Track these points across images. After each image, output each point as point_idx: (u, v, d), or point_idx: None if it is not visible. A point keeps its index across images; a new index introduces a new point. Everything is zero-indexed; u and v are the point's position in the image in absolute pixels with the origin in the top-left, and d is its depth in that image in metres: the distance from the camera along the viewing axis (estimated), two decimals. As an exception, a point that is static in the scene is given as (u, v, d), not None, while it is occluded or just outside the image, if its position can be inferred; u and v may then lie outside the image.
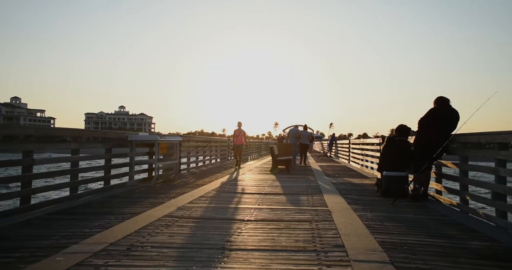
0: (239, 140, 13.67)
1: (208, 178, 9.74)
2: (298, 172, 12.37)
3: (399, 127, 7.05)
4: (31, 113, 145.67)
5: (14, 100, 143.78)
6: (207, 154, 14.91)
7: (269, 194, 6.93)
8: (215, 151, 16.25)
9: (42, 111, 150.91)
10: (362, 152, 14.57)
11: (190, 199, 6.06)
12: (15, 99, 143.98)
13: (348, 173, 12.45)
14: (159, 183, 8.38)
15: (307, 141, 17.75)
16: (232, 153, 16.66)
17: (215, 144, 15.98)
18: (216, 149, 16.35)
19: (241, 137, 13.70)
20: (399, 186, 6.50)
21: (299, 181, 9.44)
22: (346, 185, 8.69)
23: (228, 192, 7.21)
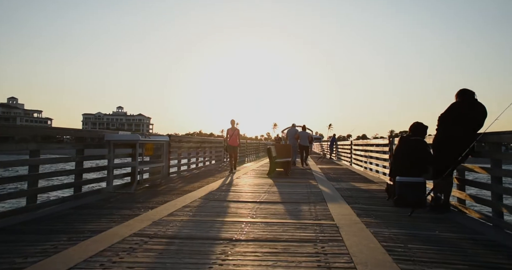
0: (234, 141, 12.17)
1: (198, 183, 8.81)
2: (297, 176, 11.46)
3: (415, 125, 6.13)
4: (28, 113, 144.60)
5: (11, 100, 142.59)
6: (201, 156, 13.99)
7: (265, 203, 6.02)
8: (210, 152, 15.32)
9: (39, 112, 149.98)
10: (366, 154, 13.66)
11: (171, 210, 5.14)
12: (12, 100, 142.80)
13: (351, 176, 11.53)
14: (142, 189, 7.45)
15: (307, 142, 16.95)
16: (227, 155, 15.65)
17: (210, 145, 15.05)
18: (211, 151, 15.43)
19: (236, 137, 12.17)
20: (415, 194, 5.59)
21: (299, 186, 8.53)
22: (352, 191, 7.78)
23: (218, 200, 6.29)
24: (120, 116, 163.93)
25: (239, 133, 12.34)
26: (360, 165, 15.22)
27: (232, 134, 12.14)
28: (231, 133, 12.21)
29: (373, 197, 6.88)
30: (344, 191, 7.75)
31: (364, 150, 14.06)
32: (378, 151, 11.82)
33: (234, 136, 12.12)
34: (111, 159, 6.98)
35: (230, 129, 12.34)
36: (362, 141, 14.64)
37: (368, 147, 13.21)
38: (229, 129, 12.37)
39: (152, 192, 7.13)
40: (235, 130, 12.26)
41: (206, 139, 15.70)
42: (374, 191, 7.90)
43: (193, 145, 13.15)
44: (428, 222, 4.71)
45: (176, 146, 11.45)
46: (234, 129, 12.28)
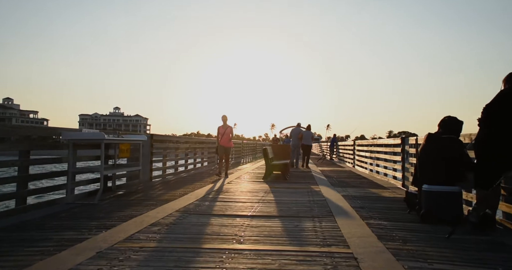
0: (226, 141, 10.34)
1: (182, 189, 7.57)
2: (297, 180, 10.23)
3: (446, 119, 4.87)
4: (24, 114, 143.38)
5: (7, 101, 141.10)
6: (191, 157, 12.74)
7: (258, 217, 4.80)
8: (201, 153, 14.08)
9: (35, 112, 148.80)
10: (372, 155, 12.44)
11: (133, 231, 3.89)
12: (7, 100, 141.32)
13: (357, 180, 10.31)
14: (110, 199, 6.20)
15: (310, 142, 15.98)
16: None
17: (201, 146, 13.80)
18: (202, 152, 14.18)
19: (228, 136, 10.36)
20: (450, 207, 4.38)
21: (299, 193, 7.30)
22: (362, 199, 6.55)
23: (199, 213, 5.05)
24: (117, 117, 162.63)
25: (232, 132, 10.53)
26: (364, 167, 14.01)
27: (224, 132, 10.34)
28: (222, 131, 10.39)
29: (390, 209, 5.65)
30: (353, 199, 6.52)
31: (369, 151, 12.83)
32: (387, 152, 10.60)
33: (226, 135, 10.32)
34: (72, 162, 5.73)
35: (221, 127, 10.52)
36: (367, 141, 13.43)
37: (375, 148, 11.98)
38: (220, 127, 10.55)
39: (121, 202, 5.89)
40: (227, 128, 10.45)
41: (196, 139, 14.42)
42: (389, 200, 6.68)
43: (182, 145, 11.91)
44: (478, 249, 3.48)
45: (161, 147, 10.21)
46: (226, 126, 10.49)
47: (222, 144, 10.44)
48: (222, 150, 10.49)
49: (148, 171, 9.03)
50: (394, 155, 9.69)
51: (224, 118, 10.57)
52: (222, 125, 10.57)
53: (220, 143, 10.45)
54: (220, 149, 10.50)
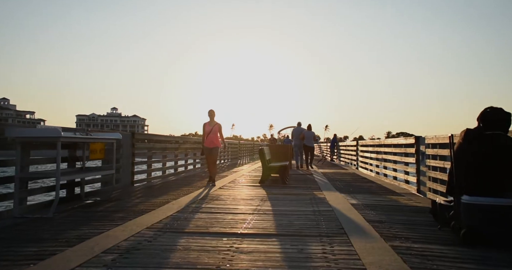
0: (212, 140, 8.55)
1: (165, 197, 6.51)
2: (297, 184, 9.18)
3: (489, 111, 3.80)
4: (20, 114, 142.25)
5: (3, 101, 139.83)
6: (181, 158, 11.67)
7: (250, 237, 3.74)
8: (193, 155, 13.01)
9: (32, 113, 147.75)
10: (378, 157, 11.39)
11: (73, 264, 2.83)
12: (3, 101, 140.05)
13: (364, 185, 9.26)
14: (73, 210, 5.13)
15: (313, 143, 15.07)
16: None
17: (192, 146, 12.73)
18: (195, 152, 13.11)
19: (215, 135, 8.61)
20: (504, 225, 3.33)
21: (301, 201, 6.25)
22: (377, 210, 5.50)
23: (176, 231, 3.99)
24: (114, 117, 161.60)
25: (220, 130, 8.73)
26: (369, 170, 12.97)
27: (210, 130, 8.55)
28: (208, 129, 8.57)
29: (415, 223, 4.58)
30: (366, 209, 5.47)
31: (375, 152, 11.78)
32: (396, 153, 9.56)
33: (213, 133, 8.56)
34: (20, 166, 4.65)
35: (207, 124, 8.66)
36: (373, 141, 12.39)
37: (382, 148, 10.93)
38: (206, 123, 8.68)
39: (84, 215, 4.81)
40: (215, 125, 8.62)
41: (188, 139, 13.34)
42: (408, 210, 5.63)
43: (171, 146, 10.84)
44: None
45: (146, 147, 9.14)
46: (213, 123, 8.67)
47: (206, 145, 8.59)
48: (208, 152, 8.66)
49: (129, 175, 7.97)
50: (406, 156, 8.64)
51: (211, 113, 8.72)
52: (208, 121, 8.72)
53: (205, 144, 8.62)
54: (206, 151, 8.71)
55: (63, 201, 5.55)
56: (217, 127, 8.67)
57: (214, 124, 8.68)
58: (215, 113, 8.76)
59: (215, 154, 8.77)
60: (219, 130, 8.70)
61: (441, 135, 6.39)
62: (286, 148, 13.57)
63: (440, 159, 6.45)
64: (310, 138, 14.92)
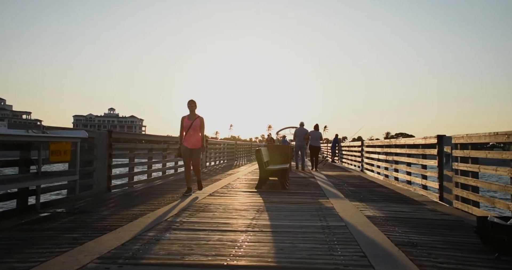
0: (192, 139, 6.82)
1: (141, 207, 5.42)
2: (299, 188, 8.09)
3: None
4: (16, 115, 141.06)
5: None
6: (169, 160, 10.58)
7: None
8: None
9: (28, 113, 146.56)
10: (389, 158, 10.32)
11: None
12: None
13: (374, 190, 8.18)
14: (15, 228, 4.03)
15: (319, 143, 14.39)
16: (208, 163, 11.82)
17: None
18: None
19: (197, 132, 6.85)
20: None
21: (305, 212, 5.18)
22: (400, 224, 4.43)
23: (138, 263, 2.90)
24: (112, 118, 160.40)
25: (203, 125, 6.90)
26: (375, 172, 11.90)
27: (190, 126, 6.78)
28: (187, 124, 6.82)
29: (459, 248, 3.50)
30: (388, 225, 4.40)
31: (385, 153, 10.71)
32: (411, 155, 8.49)
33: (194, 130, 6.80)
34: None
35: (186, 118, 6.90)
36: (381, 141, 11.31)
37: (393, 149, 9.85)
38: (185, 117, 6.92)
39: (23, 237, 3.71)
40: (196, 119, 6.83)
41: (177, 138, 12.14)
42: (441, 226, 4.54)
43: (157, 146, 9.75)
44: None
45: (127, 148, 8.06)
46: (193, 117, 6.86)
47: (186, 144, 6.86)
48: (187, 153, 6.87)
49: (105, 179, 6.87)
50: (424, 158, 7.57)
51: (192, 105, 6.88)
52: (187, 115, 6.91)
53: (184, 143, 6.88)
54: (184, 152, 6.88)
55: (11, 214, 4.46)
56: (199, 122, 6.84)
57: (195, 117, 6.84)
58: (196, 105, 6.92)
59: (196, 158, 6.93)
60: (201, 126, 6.87)
61: (474, 133, 5.31)
62: (285, 149, 12.50)
63: (472, 162, 5.38)
64: (317, 139, 14.26)
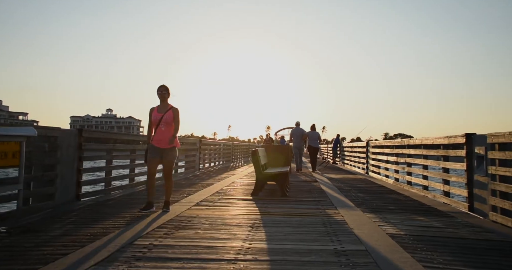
0: (162, 137, 5.12)
1: (107, 223, 4.36)
2: (301, 195, 7.06)
3: None
4: (13, 116, 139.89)
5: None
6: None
7: None
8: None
9: (25, 114, 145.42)
10: (400, 160, 9.29)
11: None
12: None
13: (389, 197, 7.15)
14: None
15: (318, 144, 13.92)
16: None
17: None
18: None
19: (169, 127, 5.16)
20: None
21: (311, 228, 4.15)
22: (435, 248, 3.40)
23: None
24: (109, 119, 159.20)
25: (177, 120, 5.22)
26: (383, 175, 10.87)
27: (161, 120, 5.11)
28: (156, 118, 5.14)
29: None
30: (421, 249, 3.36)
31: (395, 154, 9.67)
32: (428, 156, 7.47)
33: (166, 124, 5.12)
34: None
35: (155, 110, 5.24)
36: (391, 141, 10.26)
37: (406, 150, 8.82)
38: (154, 109, 5.27)
39: None
40: (168, 112, 5.18)
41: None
42: (491, 250, 3.50)
43: (140, 147, 8.69)
44: None
45: (104, 149, 7.00)
46: (165, 108, 5.22)
47: (155, 144, 5.12)
48: (156, 155, 5.10)
49: (73, 187, 5.82)
50: (446, 160, 6.53)
51: (163, 93, 5.21)
52: (157, 106, 5.26)
53: (152, 142, 5.14)
54: (152, 153, 5.12)
55: None
56: (172, 114, 5.13)
57: (166, 109, 5.17)
58: (169, 92, 5.23)
59: (168, 161, 5.14)
60: (174, 119, 5.15)
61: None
62: (285, 150, 11.44)
63: (517, 166, 4.35)
64: (315, 139, 13.77)
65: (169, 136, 5.11)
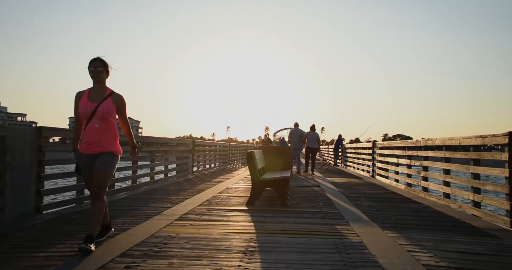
0: (96, 139, 3.41)
1: (57, 249, 3.37)
2: (304, 205, 6.06)
3: None
4: (11, 117, 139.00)
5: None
6: (144, 166, 8.53)
7: None
8: (164, 159, 9.91)
9: (23, 115, 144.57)
10: (415, 163, 8.31)
11: None
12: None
13: (406, 206, 6.17)
14: None
15: (316, 145, 13.20)
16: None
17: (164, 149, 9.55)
18: (167, 157, 9.98)
19: (105, 123, 3.43)
20: None
21: (321, 256, 3.17)
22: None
23: None
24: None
25: (122, 109, 3.59)
26: (391, 179, 9.88)
27: (94, 113, 3.38)
28: (88, 109, 3.39)
29: None
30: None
31: (408, 156, 8.68)
32: (449, 159, 6.49)
33: (101, 119, 3.42)
34: None
35: (85, 97, 3.45)
36: (403, 142, 9.25)
37: (422, 152, 7.83)
38: (83, 95, 3.47)
39: None
40: (106, 98, 3.46)
41: (150, 138, 9.97)
42: None
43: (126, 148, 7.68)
44: None
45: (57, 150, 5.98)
46: (101, 93, 3.48)
47: (82, 150, 3.48)
48: (86, 165, 3.48)
49: (31, 197, 4.82)
50: (477, 164, 5.55)
51: (99, 70, 3.45)
52: (88, 90, 3.52)
53: (79, 147, 3.52)
54: (83, 165, 3.51)
55: None
56: (111, 104, 3.48)
57: (103, 96, 3.47)
58: (108, 70, 3.54)
59: (102, 171, 3.38)
60: (118, 111, 3.57)
61: None
62: (285, 152, 10.44)
63: None
64: (314, 140, 13.09)
65: (107, 136, 3.45)
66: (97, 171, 3.38)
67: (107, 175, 3.43)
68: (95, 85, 3.52)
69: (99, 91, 3.50)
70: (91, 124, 3.42)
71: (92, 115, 3.41)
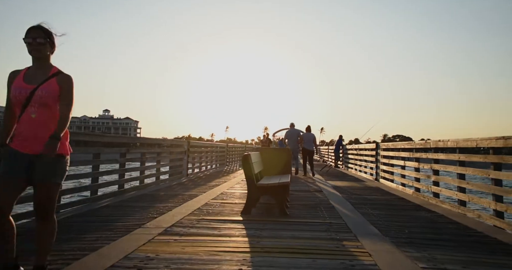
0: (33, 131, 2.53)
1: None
2: (305, 214, 5.46)
3: None
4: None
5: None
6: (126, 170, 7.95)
7: None
8: (157, 162, 9.31)
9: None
10: (424, 167, 7.72)
11: None
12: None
13: (418, 216, 5.58)
14: None
15: (312, 146, 12.83)
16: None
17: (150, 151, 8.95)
18: (158, 159, 9.38)
19: (44, 111, 2.57)
20: None
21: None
22: None
23: None
24: (106, 120, 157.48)
25: (67, 93, 2.68)
26: (397, 182, 9.29)
27: (30, 97, 2.55)
28: (21, 93, 2.56)
29: None
30: None
31: (416, 158, 8.08)
32: (464, 163, 5.90)
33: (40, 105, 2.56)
34: None
35: (20, 78, 2.63)
36: (411, 143, 8.66)
37: (433, 155, 7.24)
38: (19, 75, 2.65)
39: None
40: (49, 79, 2.63)
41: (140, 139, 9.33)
42: None
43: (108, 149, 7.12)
44: None
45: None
46: (43, 73, 2.66)
47: (16, 147, 2.55)
48: (18, 169, 2.51)
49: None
50: (498, 169, 4.95)
51: (39, 43, 2.63)
52: (26, 69, 2.70)
53: (12, 142, 2.60)
54: (9, 165, 2.51)
55: None
56: (55, 86, 2.63)
57: (46, 76, 2.65)
58: (54, 41, 2.75)
59: (47, 182, 2.54)
60: (62, 95, 2.66)
61: None
62: (285, 154, 9.84)
63: None
64: (310, 141, 12.73)
65: (45, 130, 2.55)
66: (40, 185, 2.53)
67: (55, 188, 2.58)
68: (35, 63, 2.68)
69: (40, 71, 2.67)
70: (27, 113, 2.55)
71: (28, 102, 2.55)
